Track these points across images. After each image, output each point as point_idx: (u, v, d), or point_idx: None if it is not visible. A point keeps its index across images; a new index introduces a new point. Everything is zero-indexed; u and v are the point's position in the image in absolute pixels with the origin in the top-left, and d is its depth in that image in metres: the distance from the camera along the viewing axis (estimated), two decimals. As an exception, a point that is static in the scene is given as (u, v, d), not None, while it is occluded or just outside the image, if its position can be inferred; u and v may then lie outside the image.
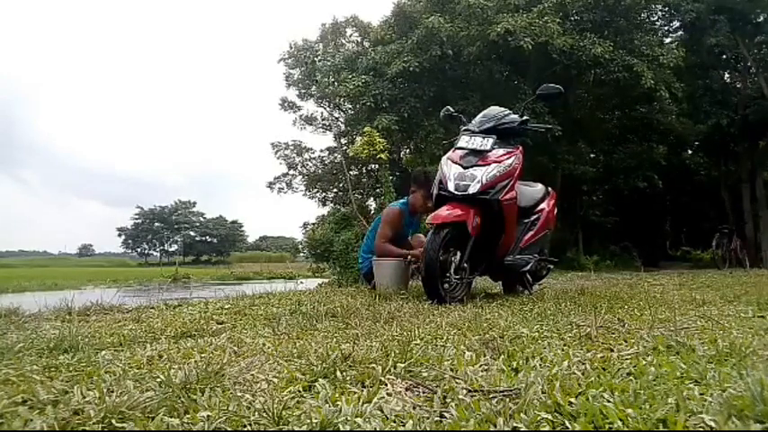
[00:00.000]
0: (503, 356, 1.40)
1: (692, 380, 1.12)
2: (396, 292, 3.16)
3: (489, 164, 2.96)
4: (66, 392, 1.11)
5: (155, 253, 66.75)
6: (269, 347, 1.60)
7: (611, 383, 1.07)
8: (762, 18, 13.63)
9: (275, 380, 1.20)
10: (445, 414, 0.95)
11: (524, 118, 3.29)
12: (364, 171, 17.55)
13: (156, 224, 64.34)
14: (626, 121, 14.29)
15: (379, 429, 0.89)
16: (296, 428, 0.89)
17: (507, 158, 3.04)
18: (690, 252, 20.29)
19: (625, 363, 1.28)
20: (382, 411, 0.96)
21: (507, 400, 0.99)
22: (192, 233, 65.62)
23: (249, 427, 0.90)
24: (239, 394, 1.08)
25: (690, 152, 16.87)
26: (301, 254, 20.15)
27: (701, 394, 1.00)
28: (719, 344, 1.44)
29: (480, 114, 3.32)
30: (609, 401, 0.95)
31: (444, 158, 3.16)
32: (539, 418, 0.89)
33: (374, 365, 1.25)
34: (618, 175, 14.55)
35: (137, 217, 64.49)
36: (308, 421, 0.91)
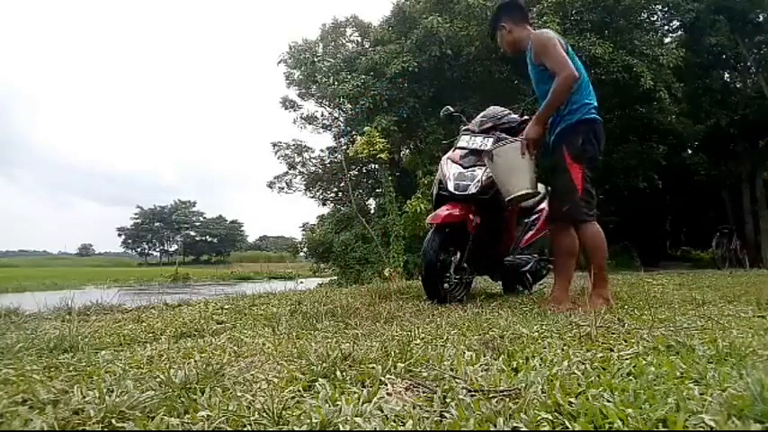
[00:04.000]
0: (503, 356, 1.40)
1: (692, 380, 1.12)
2: (523, 197, 2.70)
3: (489, 164, 2.96)
4: (66, 392, 1.11)
5: (155, 253, 66.90)
6: (269, 347, 1.60)
7: (611, 383, 1.07)
8: (762, 18, 13.63)
9: (275, 380, 1.20)
10: (445, 414, 0.95)
11: (524, 118, 3.29)
12: (364, 171, 17.53)
13: (156, 224, 64.42)
14: (626, 120, 14.29)
15: (379, 429, 0.89)
16: (296, 428, 0.89)
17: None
18: (690, 252, 20.28)
19: (625, 363, 1.28)
20: (382, 411, 0.96)
21: (507, 400, 0.99)
22: (191, 233, 65.70)
23: (249, 427, 0.90)
24: (239, 394, 1.08)
25: (690, 152, 16.87)
26: (301, 254, 20.12)
27: (701, 394, 1.00)
28: (719, 344, 1.44)
29: (480, 114, 3.32)
30: (609, 401, 0.95)
31: (444, 158, 3.16)
32: (539, 417, 0.89)
33: (374, 365, 1.25)
34: (618, 174, 14.54)
35: (136, 217, 64.61)
36: (308, 421, 0.91)
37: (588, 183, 2.55)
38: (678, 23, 14.96)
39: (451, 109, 3.54)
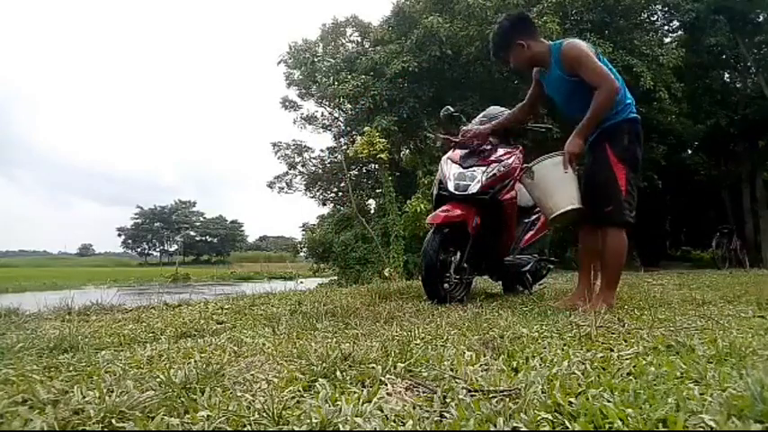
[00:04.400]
0: (503, 356, 1.40)
1: (692, 380, 1.12)
2: (568, 215, 2.51)
3: (489, 163, 2.96)
4: (66, 392, 1.11)
5: (155, 253, 67.01)
6: (269, 347, 1.60)
7: (611, 383, 1.07)
8: (762, 18, 13.64)
9: (275, 380, 1.20)
10: (445, 414, 0.95)
11: (524, 117, 3.29)
12: (364, 171, 17.54)
13: (156, 224, 64.49)
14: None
15: (379, 429, 0.89)
16: (296, 428, 0.89)
17: (507, 158, 3.04)
18: (690, 252, 20.29)
19: (625, 363, 1.28)
20: (382, 411, 0.96)
21: (507, 400, 0.99)
22: (191, 233, 65.78)
23: (249, 427, 0.90)
24: (239, 394, 1.08)
25: (690, 152, 16.87)
26: (301, 254, 20.12)
27: (701, 394, 1.00)
28: (719, 344, 1.44)
29: (480, 114, 3.33)
30: (609, 401, 0.95)
31: (444, 158, 3.16)
32: (539, 418, 0.89)
33: (374, 365, 1.25)
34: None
35: (137, 217, 64.71)
36: (308, 421, 0.91)
37: (630, 184, 2.48)
38: (678, 23, 14.97)
39: (451, 109, 3.54)
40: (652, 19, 15.01)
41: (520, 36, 2.61)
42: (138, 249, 67.85)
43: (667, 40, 15.01)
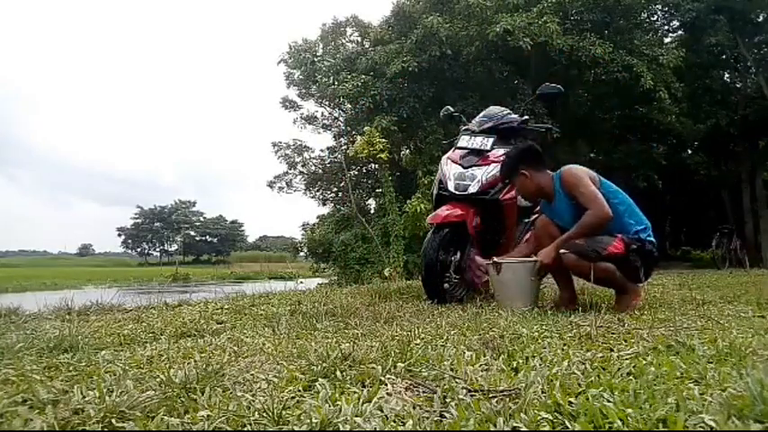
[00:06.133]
0: (503, 356, 1.40)
1: (692, 380, 1.12)
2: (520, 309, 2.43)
3: (489, 164, 2.96)
4: (66, 392, 1.12)
5: (155, 253, 66.92)
6: (269, 347, 1.60)
7: (611, 383, 1.07)
8: (762, 18, 13.63)
9: (275, 380, 1.20)
10: (445, 414, 0.95)
11: (524, 118, 3.29)
12: (364, 171, 17.53)
13: (156, 224, 64.41)
14: (626, 120, 14.28)
15: (379, 429, 0.89)
16: (296, 428, 0.89)
17: (507, 158, 3.04)
18: (690, 252, 20.29)
19: (625, 363, 1.28)
20: (382, 411, 0.96)
21: (507, 399, 0.99)
22: (191, 233, 65.67)
23: (249, 427, 0.91)
24: (239, 394, 1.08)
25: (690, 152, 16.86)
26: (301, 254, 20.10)
27: (701, 394, 1.00)
28: (719, 344, 1.44)
29: (480, 114, 3.33)
30: (609, 401, 0.95)
31: (444, 158, 3.16)
32: (539, 417, 0.89)
33: (374, 365, 1.25)
34: (618, 174, 14.52)
35: (136, 217, 64.61)
36: (308, 421, 0.91)
37: (622, 255, 2.46)
38: (678, 23, 14.97)
39: (451, 109, 3.54)
40: (652, 19, 15.00)
41: (525, 165, 2.65)
42: (138, 249, 67.80)
43: (667, 40, 15.01)
